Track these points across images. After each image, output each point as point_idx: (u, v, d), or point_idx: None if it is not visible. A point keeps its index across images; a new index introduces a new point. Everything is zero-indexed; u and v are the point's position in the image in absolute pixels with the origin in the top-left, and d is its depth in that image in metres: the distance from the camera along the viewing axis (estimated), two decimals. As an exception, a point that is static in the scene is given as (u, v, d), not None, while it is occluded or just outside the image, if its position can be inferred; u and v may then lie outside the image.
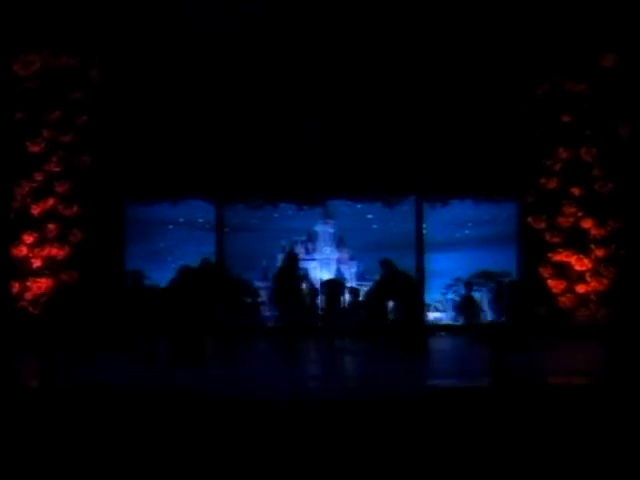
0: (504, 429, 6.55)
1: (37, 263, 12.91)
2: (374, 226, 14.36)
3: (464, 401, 7.47)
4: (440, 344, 11.76)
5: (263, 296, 12.51)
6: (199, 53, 13.04)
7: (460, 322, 12.78)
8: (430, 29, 12.85)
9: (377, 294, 11.39)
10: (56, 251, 12.97)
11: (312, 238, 14.49)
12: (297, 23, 12.76)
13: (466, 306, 12.67)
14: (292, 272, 11.57)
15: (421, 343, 10.85)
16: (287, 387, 8.24)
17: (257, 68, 13.26)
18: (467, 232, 14.14)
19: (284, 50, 13.04)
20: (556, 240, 13.26)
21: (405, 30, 12.90)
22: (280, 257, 14.25)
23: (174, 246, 13.81)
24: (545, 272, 13.29)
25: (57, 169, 13.08)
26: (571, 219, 13.18)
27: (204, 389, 7.96)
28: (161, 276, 11.71)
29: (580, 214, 13.18)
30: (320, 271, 14.15)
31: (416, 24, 12.85)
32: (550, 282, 13.22)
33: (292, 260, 11.96)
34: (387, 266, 11.29)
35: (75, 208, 13.10)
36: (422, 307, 11.75)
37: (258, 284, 12.77)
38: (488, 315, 12.67)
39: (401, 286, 10.87)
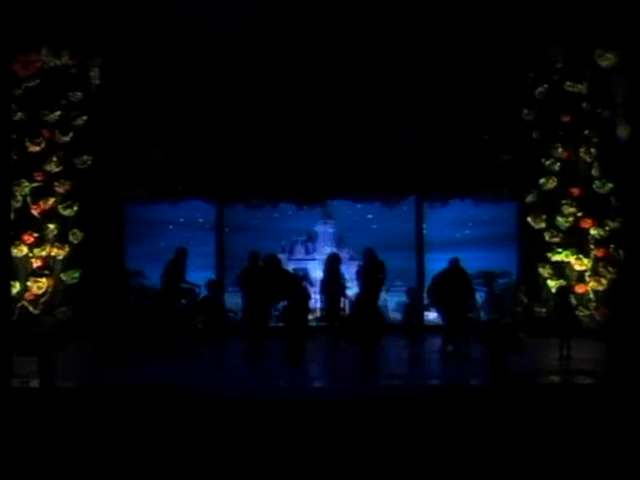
0: (502, 429, 6.56)
1: (37, 263, 12.93)
2: (374, 226, 14.36)
3: (462, 401, 7.48)
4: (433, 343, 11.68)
5: None
6: (199, 53, 13.06)
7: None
8: (430, 29, 12.85)
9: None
10: (56, 251, 13.00)
11: (312, 238, 14.50)
12: (297, 22, 12.75)
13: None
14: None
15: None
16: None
17: (257, 68, 13.26)
18: (467, 232, 14.14)
19: (284, 50, 13.04)
20: (555, 240, 13.28)
21: (406, 30, 12.90)
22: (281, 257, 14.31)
23: (174, 246, 13.80)
24: (545, 272, 13.30)
25: (57, 169, 13.12)
26: (570, 219, 13.19)
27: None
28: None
29: (579, 214, 13.20)
30: (320, 271, 14.14)
31: (417, 23, 12.84)
32: (550, 282, 13.23)
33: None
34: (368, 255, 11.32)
35: (75, 208, 13.14)
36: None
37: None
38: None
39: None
